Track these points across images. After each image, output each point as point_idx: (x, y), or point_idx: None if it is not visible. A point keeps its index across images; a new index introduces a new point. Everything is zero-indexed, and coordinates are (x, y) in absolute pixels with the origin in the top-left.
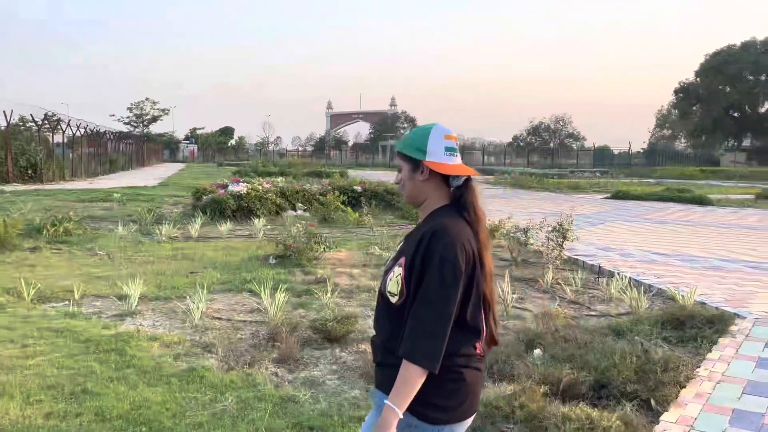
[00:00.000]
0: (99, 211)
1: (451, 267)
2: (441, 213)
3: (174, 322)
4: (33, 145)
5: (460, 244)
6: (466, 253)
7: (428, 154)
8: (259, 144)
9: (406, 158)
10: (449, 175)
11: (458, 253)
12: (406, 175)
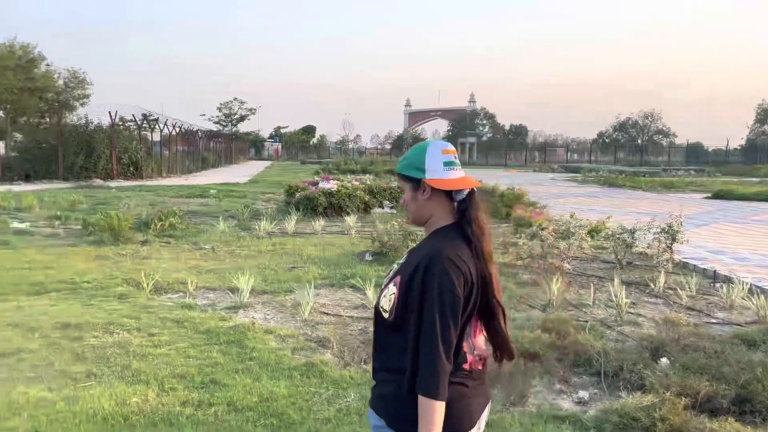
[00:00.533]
0: (197, 206)
1: (450, 295)
2: (442, 233)
3: (284, 316)
4: (134, 144)
5: (456, 269)
6: (464, 277)
7: (427, 172)
8: (339, 142)
9: (407, 179)
10: (451, 190)
11: (455, 280)
12: (409, 195)
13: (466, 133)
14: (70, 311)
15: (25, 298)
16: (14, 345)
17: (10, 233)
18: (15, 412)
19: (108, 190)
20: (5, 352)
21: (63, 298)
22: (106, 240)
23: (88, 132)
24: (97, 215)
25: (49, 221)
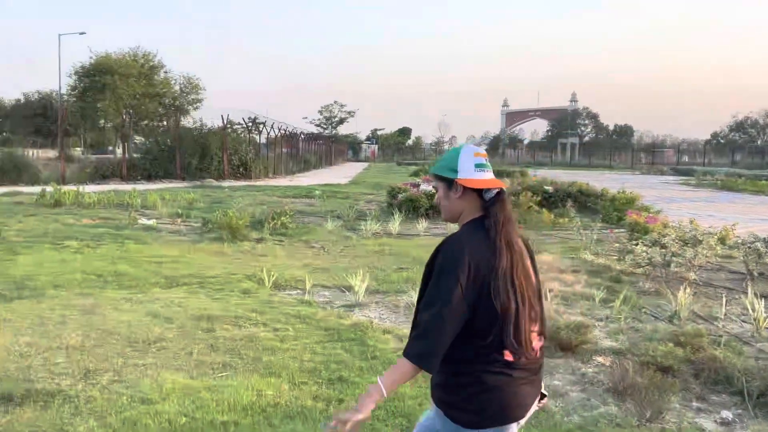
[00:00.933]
0: (303, 206)
1: (450, 275)
2: (468, 226)
3: (398, 316)
4: (244, 146)
5: (464, 255)
6: (472, 263)
7: (460, 172)
8: (434, 143)
9: (441, 179)
10: (482, 189)
11: (459, 264)
12: (442, 194)
13: (567, 134)
14: (201, 304)
15: (160, 290)
16: (156, 333)
17: (141, 229)
18: (164, 396)
19: (221, 190)
20: (149, 340)
21: (193, 291)
22: (224, 237)
23: (203, 135)
24: (215, 213)
25: (171, 218)
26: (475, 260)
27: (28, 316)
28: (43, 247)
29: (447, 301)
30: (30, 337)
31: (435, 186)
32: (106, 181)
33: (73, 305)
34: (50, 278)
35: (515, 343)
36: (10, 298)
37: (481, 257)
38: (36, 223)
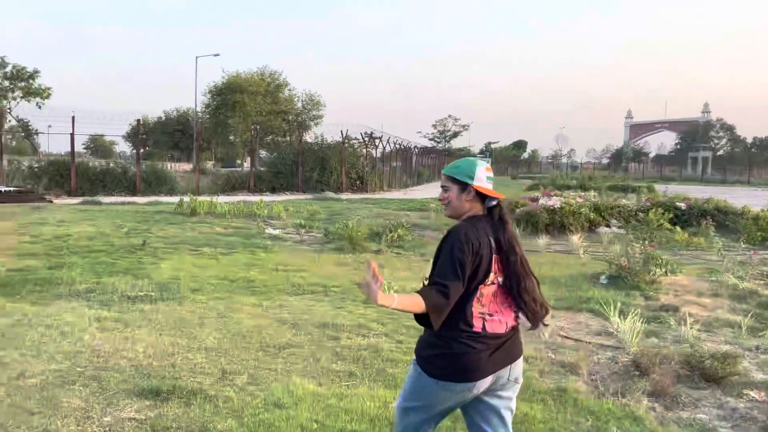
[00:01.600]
0: (418, 219)
1: (459, 255)
2: (471, 219)
3: (526, 335)
4: (360, 160)
5: (468, 239)
6: (473, 246)
7: (475, 180)
8: (551, 156)
9: (457, 182)
10: (486, 196)
11: (464, 244)
12: (455, 194)
13: (698, 147)
14: (325, 312)
15: (288, 297)
16: (285, 339)
17: (268, 238)
18: (296, 401)
19: (339, 202)
20: (279, 345)
21: (317, 299)
22: (344, 248)
23: (323, 149)
24: (336, 225)
25: (295, 228)
26: (475, 244)
27: (171, 317)
28: (182, 254)
29: (458, 276)
30: (172, 337)
31: (445, 185)
32: (235, 193)
33: (210, 308)
34: (189, 282)
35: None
36: (155, 299)
37: (478, 242)
38: (175, 231)
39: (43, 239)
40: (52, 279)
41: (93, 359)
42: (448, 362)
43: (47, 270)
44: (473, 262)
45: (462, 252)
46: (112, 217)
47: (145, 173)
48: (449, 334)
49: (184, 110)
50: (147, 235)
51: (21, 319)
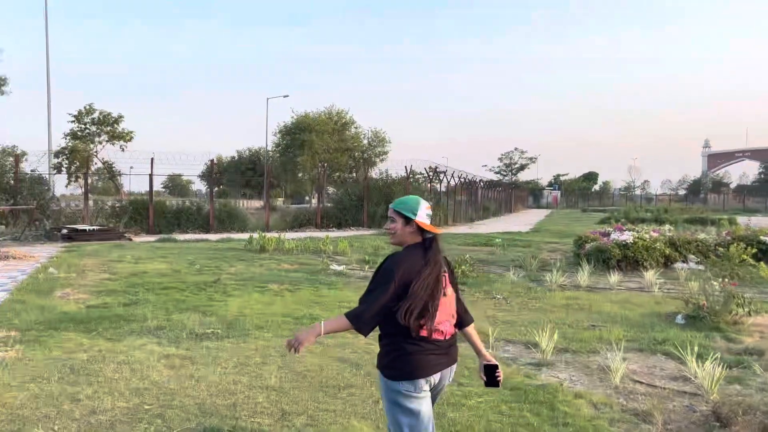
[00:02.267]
0: (484, 255)
1: (386, 272)
2: (407, 248)
3: (591, 379)
4: (425, 195)
5: (402, 265)
6: (404, 270)
7: (417, 216)
8: (624, 188)
9: (402, 216)
10: (424, 229)
11: (395, 268)
12: (400, 226)
13: None
14: None
15: (348, 335)
16: (345, 379)
17: (333, 275)
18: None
19: None
20: (339, 385)
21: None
22: None
23: (387, 185)
24: None
25: (359, 264)
26: (407, 270)
27: (235, 354)
28: (250, 290)
29: (385, 289)
30: (236, 375)
31: (392, 216)
32: (303, 229)
33: (273, 346)
34: (254, 319)
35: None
36: (221, 336)
37: (411, 269)
38: (244, 268)
39: (121, 276)
40: (126, 316)
41: (160, 396)
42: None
43: (123, 307)
44: (404, 281)
45: (394, 271)
46: (186, 254)
47: (218, 211)
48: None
49: (255, 149)
50: (218, 271)
51: (96, 356)
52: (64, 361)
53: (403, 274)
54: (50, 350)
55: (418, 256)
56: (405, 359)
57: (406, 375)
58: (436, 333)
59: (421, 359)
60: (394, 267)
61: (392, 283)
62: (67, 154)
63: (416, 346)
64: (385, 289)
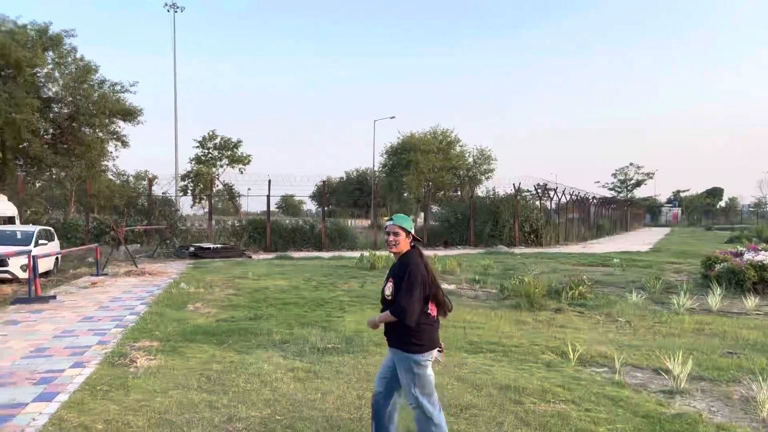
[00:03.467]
0: (601, 275)
1: (417, 276)
2: (409, 254)
3: (733, 410)
4: (535, 213)
5: (420, 267)
6: (421, 272)
7: (411, 229)
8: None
9: (405, 230)
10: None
11: (418, 272)
12: (402, 238)
13: None
14: (505, 373)
15: (466, 354)
16: (465, 400)
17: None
18: None
19: (513, 256)
20: (460, 405)
21: (496, 359)
22: (522, 305)
23: (494, 203)
24: (512, 281)
25: (469, 284)
26: (423, 270)
27: (357, 369)
28: (364, 307)
29: (415, 288)
30: (359, 390)
31: (397, 232)
32: None
33: None
34: (371, 336)
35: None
36: (341, 351)
37: (424, 269)
38: (357, 285)
39: (245, 292)
40: (252, 329)
41: (289, 408)
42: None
43: (248, 321)
44: (427, 285)
45: (418, 273)
46: (302, 272)
47: (329, 230)
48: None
49: (363, 170)
50: (333, 288)
51: (228, 367)
52: (201, 371)
53: (420, 273)
54: (187, 360)
55: (419, 258)
56: (423, 336)
57: (425, 349)
58: (433, 313)
59: (430, 335)
60: (418, 271)
61: (419, 282)
62: (192, 177)
63: (430, 325)
64: (420, 287)
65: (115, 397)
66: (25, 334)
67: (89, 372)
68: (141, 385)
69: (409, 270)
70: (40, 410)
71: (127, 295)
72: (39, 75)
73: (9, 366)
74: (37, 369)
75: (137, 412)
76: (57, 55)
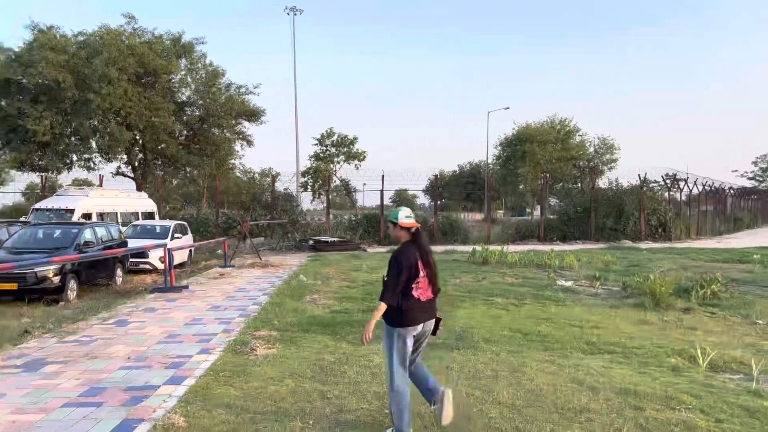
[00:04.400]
0: (738, 273)
1: (397, 263)
2: (404, 244)
3: None
4: (663, 205)
5: (404, 256)
6: (407, 260)
7: (399, 220)
8: None
9: (391, 222)
10: (408, 228)
11: (402, 259)
12: (393, 230)
13: None
14: (625, 377)
15: (582, 356)
16: (582, 403)
17: (560, 290)
18: None
19: (638, 252)
20: (575, 409)
21: (616, 361)
22: (646, 304)
23: (618, 195)
24: (635, 278)
25: (588, 280)
26: (406, 258)
27: (466, 366)
28: (475, 302)
29: (398, 277)
30: (468, 388)
31: (388, 225)
32: (525, 242)
33: (503, 361)
34: (482, 332)
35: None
36: (451, 347)
37: (408, 257)
38: (469, 280)
39: (358, 284)
40: (364, 322)
41: None
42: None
43: (361, 313)
44: (411, 269)
45: (402, 262)
46: None
47: (441, 224)
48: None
49: (475, 163)
50: (442, 282)
51: (341, 358)
52: (314, 361)
53: (405, 262)
54: (303, 350)
55: (413, 247)
56: (405, 315)
57: (405, 324)
58: (423, 296)
59: (413, 313)
60: (403, 259)
61: (404, 271)
62: (312, 173)
63: (412, 305)
64: (398, 275)
65: (235, 384)
66: (161, 321)
67: (214, 359)
68: (260, 372)
69: (391, 259)
70: (169, 393)
71: (251, 285)
72: (173, 81)
73: (145, 350)
74: (168, 354)
75: (255, 399)
76: (189, 61)
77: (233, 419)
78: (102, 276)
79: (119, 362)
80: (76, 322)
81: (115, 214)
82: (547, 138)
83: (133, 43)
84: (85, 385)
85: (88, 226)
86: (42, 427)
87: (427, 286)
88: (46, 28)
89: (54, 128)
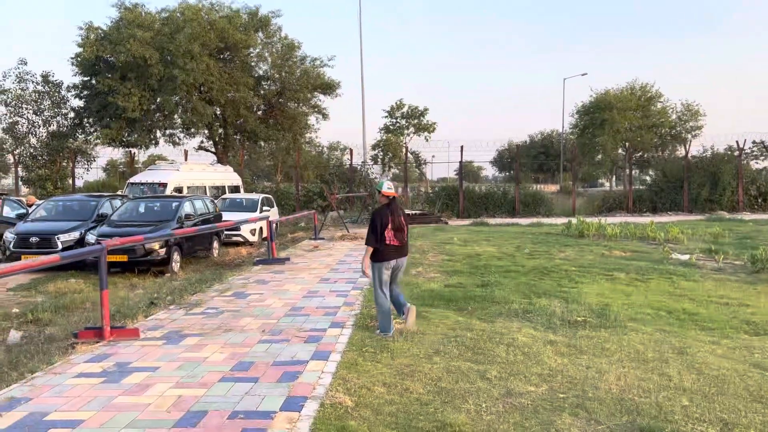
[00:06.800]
0: None
1: (377, 221)
2: (382, 206)
3: None
4: (764, 174)
5: (378, 214)
6: (380, 217)
7: (383, 189)
8: None
9: (377, 190)
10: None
11: (376, 216)
12: (377, 195)
13: None
14: None
15: (748, 337)
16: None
17: (678, 264)
18: None
19: (742, 223)
20: (763, 398)
21: None
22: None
23: (714, 163)
24: (760, 251)
25: (704, 254)
26: (382, 217)
27: (622, 347)
28: (595, 277)
29: (375, 228)
30: (638, 371)
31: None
32: (612, 214)
33: (660, 341)
34: (621, 310)
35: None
36: (595, 326)
37: (383, 215)
38: (574, 254)
39: (459, 258)
40: (486, 297)
41: (567, 385)
42: (384, 254)
43: (479, 287)
44: (382, 222)
45: (379, 218)
46: (506, 238)
47: (522, 196)
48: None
49: (547, 133)
50: (548, 256)
51: (480, 335)
52: (453, 338)
53: (380, 218)
54: (435, 326)
55: (386, 209)
56: (383, 253)
57: (383, 259)
58: (393, 241)
59: (389, 252)
60: (379, 217)
61: (379, 224)
62: (382, 146)
63: (386, 247)
64: (375, 227)
65: (383, 360)
66: (278, 293)
67: (349, 332)
68: (402, 348)
69: (371, 215)
70: (320, 368)
71: (350, 257)
72: (251, 55)
73: (276, 323)
74: (302, 327)
75: (412, 377)
76: (266, 35)
77: (398, 399)
78: (201, 248)
79: (256, 335)
80: (194, 293)
81: (204, 187)
82: (628, 105)
83: (213, 18)
84: (233, 358)
85: (187, 199)
86: (214, 402)
87: (393, 236)
88: (132, 6)
89: (142, 104)
